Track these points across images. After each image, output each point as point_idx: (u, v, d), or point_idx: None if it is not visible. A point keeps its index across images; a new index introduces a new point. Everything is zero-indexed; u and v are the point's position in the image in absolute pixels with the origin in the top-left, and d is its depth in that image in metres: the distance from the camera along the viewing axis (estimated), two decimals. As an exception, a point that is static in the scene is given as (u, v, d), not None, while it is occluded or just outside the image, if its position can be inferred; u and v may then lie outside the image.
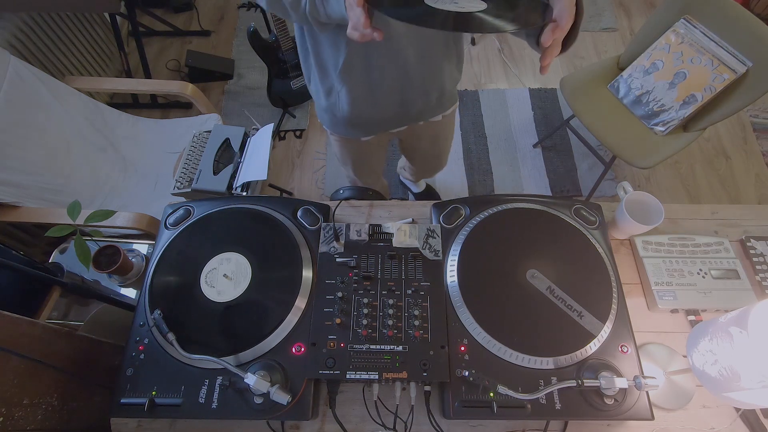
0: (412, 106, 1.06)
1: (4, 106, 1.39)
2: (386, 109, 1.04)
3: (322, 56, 0.92)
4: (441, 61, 0.98)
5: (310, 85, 1.05)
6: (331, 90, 0.99)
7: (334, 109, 1.04)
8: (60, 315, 1.23)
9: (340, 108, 1.03)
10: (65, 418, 0.82)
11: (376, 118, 1.09)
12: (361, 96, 0.98)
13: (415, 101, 1.05)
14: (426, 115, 1.16)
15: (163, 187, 1.65)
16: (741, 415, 0.76)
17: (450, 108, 1.19)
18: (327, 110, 1.08)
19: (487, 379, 0.69)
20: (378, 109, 1.04)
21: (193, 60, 2.36)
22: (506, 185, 2.13)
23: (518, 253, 0.81)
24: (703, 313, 0.86)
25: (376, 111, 1.05)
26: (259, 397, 0.69)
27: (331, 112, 1.07)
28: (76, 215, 1.10)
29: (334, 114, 1.07)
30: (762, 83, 1.40)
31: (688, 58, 1.53)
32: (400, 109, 1.05)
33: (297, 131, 2.28)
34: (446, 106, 1.17)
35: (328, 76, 0.96)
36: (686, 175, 2.16)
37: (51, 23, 1.90)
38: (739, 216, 0.98)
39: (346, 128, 1.13)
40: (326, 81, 0.98)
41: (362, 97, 0.99)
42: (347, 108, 1.01)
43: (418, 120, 1.16)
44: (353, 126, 1.11)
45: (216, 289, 0.78)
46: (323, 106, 1.07)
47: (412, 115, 1.12)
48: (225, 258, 0.81)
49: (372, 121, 1.10)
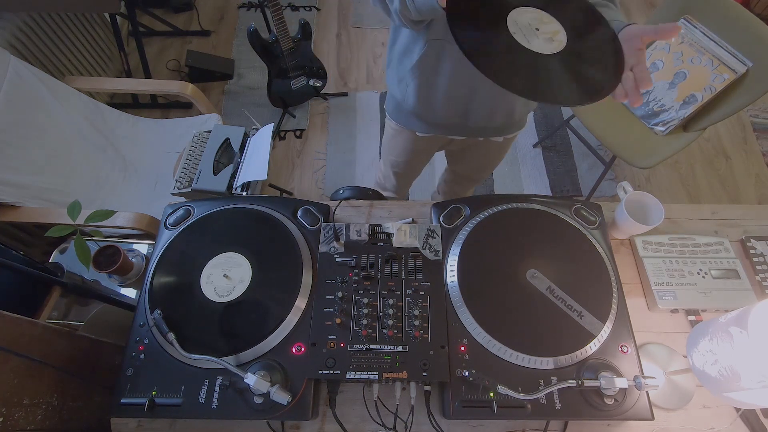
0: (473, 120, 1.05)
1: (4, 106, 1.39)
2: (447, 115, 1.05)
3: (403, 46, 0.95)
4: None
5: (388, 68, 1.07)
6: (402, 79, 1.01)
7: (401, 97, 1.06)
8: (60, 315, 1.23)
9: (406, 98, 1.05)
10: (65, 418, 0.82)
11: (437, 120, 1.09)
12: (427, 94, 1.00)
13: (478, 117, 1.04)
14: (487, 133, 1.15)
15: (163, 187, 1.65)
16: (741, 415, 0.76)
17: (514, 132, 1.18)
18: (394, 97, 1.11)
19: (487, 379, 0.69)
20: (439, 113, 1.05)
21: (193, 60, 2.36)
22: (506, 185, 2.13)
23: (518, 253, 0.81)
24: (703, 313, 0.86)
25: (438, 114, 1.05)
26: (259, 397, 0.69)
27: (398, 100, 1.09)
28: (76, 215, 1.10)
29: (399, 102, 1.09)
30: (762, 83, 1.40)
31: (688, 58, 1.53)
32: (460, 120, 1.06)
33: (297, 131, 2.28)
34: (511, 130, 1.16)
35: (403, 66, 0.98)
36: (686, 175, 2.16)
37: (51, 23, 1.90)
38: (739, 216, 0.98)
39: (408, 119, 1.14)
40: (401, 69, 1.00)
41: (427, 96, 1.00)
42: (412, 101, 1.03)
43: (478, 135, 1.16)
44: (416, 119, 1.12)
45: (216, 289, 0.78)
46: (393, 92, 1.09)
47: (472, 129, 1.11)
48: (225, 258, 0.81)
49: (432, 121, 1.11)
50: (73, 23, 2.02)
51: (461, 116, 1.04)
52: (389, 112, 1.19)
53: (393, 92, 1.09)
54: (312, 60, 2.05)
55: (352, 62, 2.55)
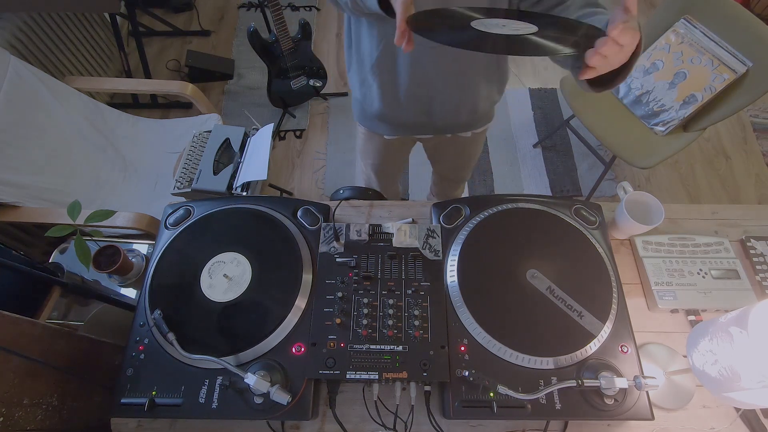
0: (438, 118, 1.05)
1: (4, 106, 1.39)
2: (411, 113, 1.05)
3: (362, 47, 0.94)
4: (478, 81, 0.97)
5: (348, 72, 1.06)
6: (364, 81, 1.01)
7: (365, 100, 1.06)
8: (60, 315, 1.23)
9: (370, 101, 1.04)
10: (65, 418, 0.82)
11: (402, 120, 1.09)
12: (389, 94, 1.00)
13: (443, 114, 1.04)
14: (454, 130, 1.15)
15: (163, 187, 1.65)
16: (741, 415, 0.76)
17: (482, 127, 1.18)
18: (359, 101, 1.10)
19: (487, 379, 0.69)
20: (404, 112, 1.05)
21: (193, 60, 2.36)
22: (506, 185, 2.13)
23: (518, 253, 0.81)
24: (703, 313, 0.86)
25: (402, 113, 1.05)
26: (259, 397, 0.69)
27: (362, 104, 1.09)
28: (76, 215, 1.10)
29: (364, 106, 1.09)
30: (762, 83, 1.40)
31: (688, 58, 1.53)
32: (425, 118, 1.05)
33: (297, 131, 2.28)
34: (477, 125, 1.16)
35: (363, 68, 0.98)
36: (686, 175, 2.16)
37: (51, 23, 1.90)
38: (739, 216, 0.98)
39: (373, 122, 1.14)
40: (361, 72, 0.99)
41: (390, 96, 1.00)
42: (376, 103, 1.03)
43: (445, 132, 1.16)
44: (380, 121, 1.12)
45: (216, 289, 0.78)
46: (356, 96, 1.09)
47: (439, 127, 1.11)
48: (225, 258, 0.81)
49: (397, 122, 1.11)
50: (73, 23, 2.03)
51: (426, 114, 1.04)
52: (356, 117, 1.19)
53: (356, 95, 1.09)
54: (312, 60, 2.05)
55: (352, 62, 2.55)
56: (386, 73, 0.94)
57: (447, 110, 1.03)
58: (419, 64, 0.90)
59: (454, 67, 0.92)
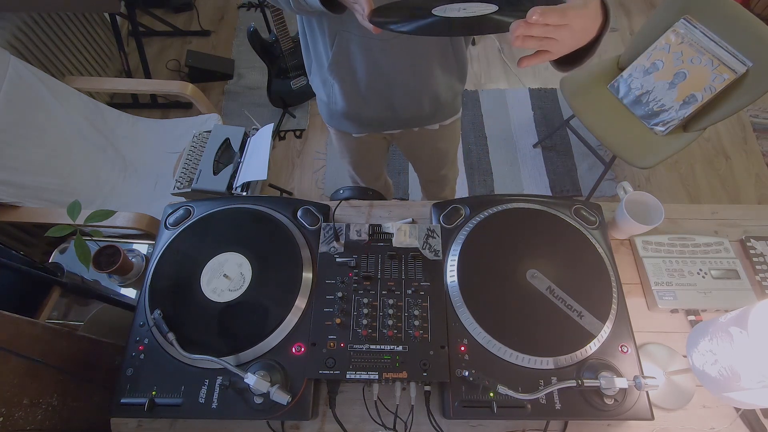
0: (402, 110, 1.05)
1: (4, 106, 1.39)
2: (375, 108, 1.05)
3: (318, 49, 0.94)
4: (434, 69, 0.97)
5: (309, 75, 1.07)
6: (325, 82, 1.01)
7: (330, 100, 1.06)
8: (60, 315, 1.23)
9: (334, 100, 1.04)
10: (65, 418, 0.82)
11: (367, 117, 1.09)
12: (351, 92, 1.00)
13: (405, 106, 1.04)
14: (420, 122, 1.15)
15: (163, 187, 1.65)
16: (741, 415, 0.76)
17: (449, 119, 1.17)
18: (323, 101, 1.10)
19: (487, 379, 0.69)
20: (368, 108, 1.05)
21: (193, 60, 2.36)
22: (506, 185, 2.13)
23: (518, 253, 0.81)
24: (703, 313, 0.86)
25: (367, 109, 1.05)
26: (259, 397, 0.69)
27: (327, 104, 1.09)
28: (76, 215, 1.10)
29: (329, 106, 1.09)
30: (762, 83, 1.40)
31: (688, 58, 1.53)
32: (389, 112, 1.06)
33: (297, 131, 2.28)
34: (443, 117, 1.15)
35: (322, 69, 0.98)
36: (686, 175, 2.16)
37: (51, 23, 1.90)
38: (739, 216, 0.98)
39: (340, 121, 1.14)
40: (321, 73, 1.00)
41: (352, 93, 1.00)
42: (341, 101, 1.03)
43: (411, 126, 1.15)
44: (347, 120, 1.12)
45: (216, 289, 0.78)
46: (321, 97, 1.09)
47: (403, 120, 1.11)
48: (225, 258, 0.81)
49: (363, 119, 1.11)
50: (73, 23, 2.03)
51: (389, 108, 1.04)
52: (324, 117, 1.19)
53: (321, 97, 1.09)
54: (312, 60, 2.05)
55: (352, 62, 2.55)
56: (344, 70, 0.94)
57: (408, 101, 1.03)
58: (373, 58, 0.90)
59: (407, 56, 0.91)
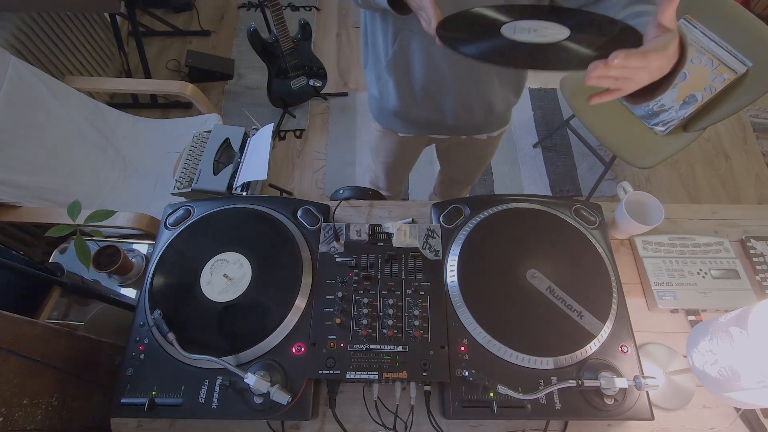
0: (452, 116, 1.05)
1: (4, 106, 1.39)
2: (425, 111, 1.05)
3: (377, 44, 0.95)
4: (492, 79, 0.97)
5: (365, 69, 1.07)
6: (380, 78, 1.01)
7: (382, 97, 1.06)
8: (60, 315, 1.23)
9: (386, 97, 1.05)
10: (65, 418, 0.82)
11: (417, 117, 1.09)
12: (404, 91, 1.00)
13: (456, 113, 1.04)
14: (469, 131, 1.15)
15: (163, 187, 1.65)
16: (741, 415, 0.76)
17: (498, 130, 1.18)
18: (375, 97, 1.10)
19: (487, 379, 0.69)
20: (418, 109, 1.05)
21: (193, 60, 2.36)
22: (506, 185, 2.13)
23: (518, 253, 0.81)
24: (703, 313, 0.86)
25: (417, 110, 1.06)
26: (259, 397, 0.69)
27: (379, 100, 1.09)
28: (76, 215, 1.10)
29: (380, 103, 1.10)
30: (762, 83, 1.40)
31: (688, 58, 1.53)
32: (439, 115, 1.05)
33: (297, 131, 2.28)
34: (493, 128, 1.16)
35: (379, 65, 0.98)
36: (686, 175, 2.16)
37: (51, 23, 1.90)
38: (739, 216, 0.98)
39: (389, 119, 1.14)
40: (377, 68, 1.00)
41: (405, 93, 1.01)
42: (393, 99, 1.03)
43: (460, 133, 1.16)
44: (395, 118, 1.12)
45: (216, 289, 0.78)
46: (373, 93, 1.09)
47: (453, 126, 1.10)
48: (225, 258, 0.81)
49: (413, 120, 1.11)
50: (73, 23, 2.02)
51: (440, 112, 1.04)
52: (372, 114, 1.19)
53: (373, 92, 1.09)
54: (312, 60, 2.05)
55: (352, 62, 2.55)
56: (401, 69, 0.95)
57: (460, 108, 1.03)
58: (433, 61, 0.90)
59: (468, 63, 0.91)
